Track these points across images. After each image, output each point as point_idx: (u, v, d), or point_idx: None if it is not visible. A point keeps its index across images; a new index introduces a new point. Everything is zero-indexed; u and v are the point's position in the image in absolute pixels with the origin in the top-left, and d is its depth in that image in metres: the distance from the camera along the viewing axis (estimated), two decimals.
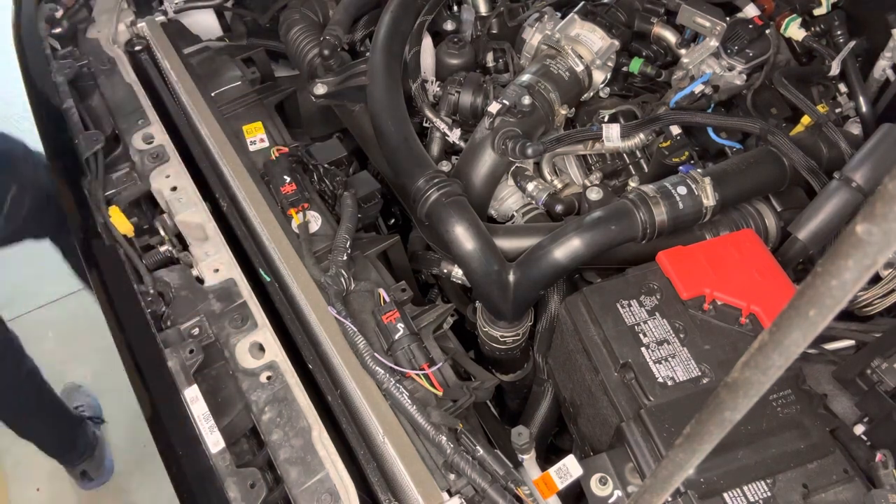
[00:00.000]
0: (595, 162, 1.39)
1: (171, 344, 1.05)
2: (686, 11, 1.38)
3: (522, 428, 0.98)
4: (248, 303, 1.12)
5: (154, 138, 1.33)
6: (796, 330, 0.36)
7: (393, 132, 1.27)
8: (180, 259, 1.22)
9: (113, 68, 1.47)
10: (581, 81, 1.36)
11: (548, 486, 0.90)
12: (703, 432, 0.47)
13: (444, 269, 1.30)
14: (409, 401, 0.96)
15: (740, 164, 1.16)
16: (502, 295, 1.10)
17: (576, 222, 1.08)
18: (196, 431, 0.96)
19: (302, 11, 1.58)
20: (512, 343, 1.19)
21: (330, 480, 0.94)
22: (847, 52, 1.38)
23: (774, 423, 0.89)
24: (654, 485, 0.55)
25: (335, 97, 1.45)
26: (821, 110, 1.32)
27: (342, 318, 1.04)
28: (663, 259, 1.04)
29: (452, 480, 0.94)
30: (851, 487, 0.86)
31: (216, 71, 1.56)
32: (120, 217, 1.19)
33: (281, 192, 1.23)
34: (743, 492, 0.85)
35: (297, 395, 1.01)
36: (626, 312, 1.00)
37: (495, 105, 1.23)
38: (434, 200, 1.15)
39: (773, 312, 0.96)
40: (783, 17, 1.44)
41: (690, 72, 1.41)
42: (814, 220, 1.10)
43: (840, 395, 1.03)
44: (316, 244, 1.20)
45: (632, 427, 0.92)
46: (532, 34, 1.47)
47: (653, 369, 0.94)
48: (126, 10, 1.59)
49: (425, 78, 1.45)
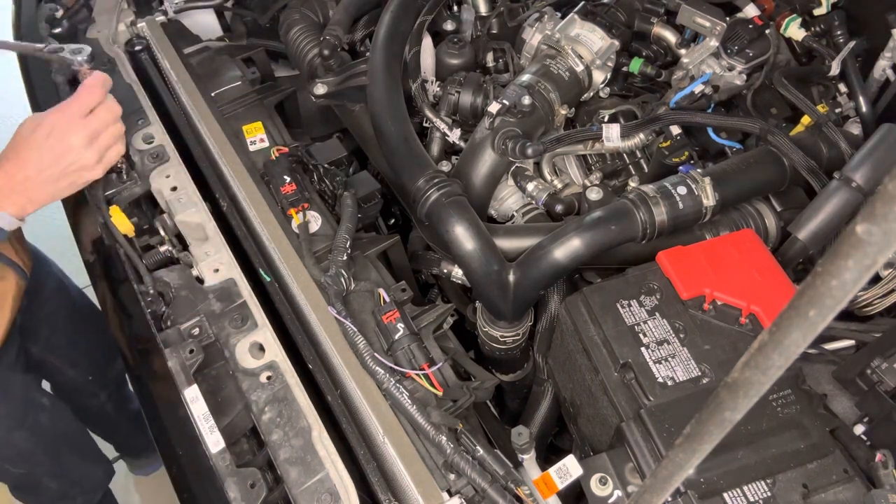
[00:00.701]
0: (595, 162, 1.39)
1: (171, 344, 1.05)
2: (686, 11, 1.38)
3: (522, 428, 0.98)
4: (248, 303, 1.12)
5: (154, 138, 1.33)
6: (796, 330, 0.36)
7: (393, 132, 1.27)
8: (180, 259, 1.22)
9: (113, 68, 1.46)
10: (581, 81, 1.36)
11: (548, 486, 0.90)
12: (703, 432, 0.46)
13: (444, 269, 1.30)
14: (409, 401, 0.96)
15: (740, 164, 1.16)
16: (502, 295, 1.10)
17: (576, 222, 1.08)
18: (196, 431, 0.96)
19: (302, 11, 1.58)
20: (512, 343, 1.19)
21: (330, 480, 0.94)
22: (847, 52, 1.38)
23: (774, 423, 0.89)
24: (654, 485, 0.55)
25: (335, 97, 1.45)
26: (821, 110, 1.32)
27: (342, 318, 1.04)
28: (663, 259, 1.04)
29: (452, 480, 0.94)
30: (851, 487, 0.86)
31: (216, 71, 1.56)
32: (121, 217, 1.19)
33: (281, 192, 1.23)
34: (743, 492, 0.85)
35: (297, 395, 1.01)
36: (626, 312, 1.00)
37: (495, 105, 1.23)
38: (434, 200, 1.15)
39: (773, 312, 0.96)
40: (783, 17, 1.44)
41: (690, 72, 1.41)
42: (814, 220, 1.10)
43: (840, 395, 1.03)
44: (316, 244, 1.20)
45: (632, 427, 0.92)
46: (532, 34, 1.47)
47: (653, 369, 0.94)
48: (126, 10, 1.59)
49: (425, 78, 1.45)
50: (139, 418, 2.08)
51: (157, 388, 1.19)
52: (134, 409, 2.07)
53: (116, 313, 1.32)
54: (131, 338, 1.27)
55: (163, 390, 1.16)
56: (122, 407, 2.02)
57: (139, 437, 2.18)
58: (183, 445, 1.09)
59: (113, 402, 1.96)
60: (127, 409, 2.04)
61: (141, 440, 2.20)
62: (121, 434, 2.10)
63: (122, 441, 2.19)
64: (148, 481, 2.33)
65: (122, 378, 2.00)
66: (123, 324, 1.29)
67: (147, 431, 2.00)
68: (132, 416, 2.06)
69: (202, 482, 1.03)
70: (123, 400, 2.03)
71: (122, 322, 1.30)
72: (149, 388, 1.21)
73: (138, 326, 1.22)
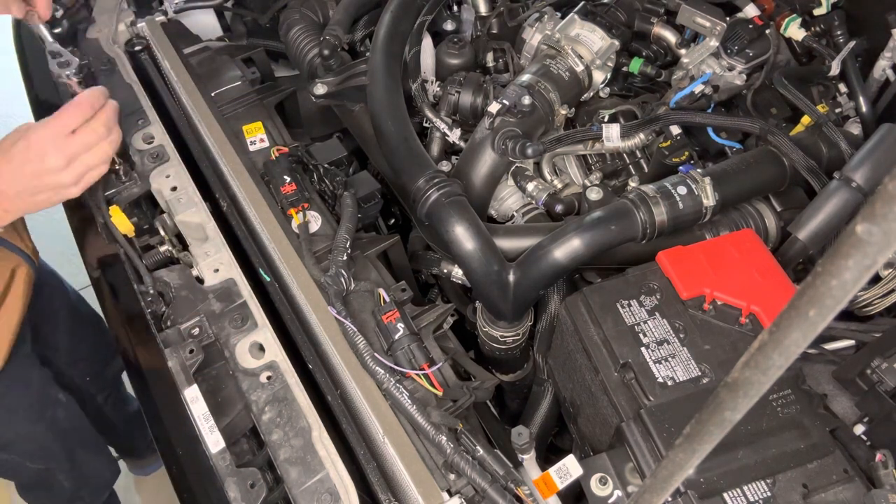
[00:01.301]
0: (595, 162, 1.39)
1: (171, 344, 1.05)
2: (686, 11, 1.38)
3: (522, 428, 0.98)
4: (248, 303, 1.12)
5: (154, 138, 1.33)
6: (796, 330, 0.36)
7: (393, 132, 1.27)
8: (180, 259, 1.22)
9: (113, 68, 1.46)
10: (581, 81, 1.36)
11: (548, 486, 0.90)
12: (703, 432, 0.47)
13: (444, 269, 1.30)
14: (409, 401, 0.96)
15: (740, 164, 1.16)
16: (502, 295, 1.10)
17: (576, 222, 1.08)
18: (196, 431, 0.96)
19: (302, 11, 1.58)
20: (512, 343, 1.19)
21: (330, 480, 0.94)
22: (847, 52, 1.38)
23: (774, 423, 0.89)
24: (654, 485, 0.55)
25: (335, 97, 1.45)
26: (821, 110, 1.32)
27: (342, 318, 1.04)
28: (663, 259, 1.04)
29: (452, 480, 0.94)
30: (851, 487, 0.86)
31: (216, 71, 1.56)
32: (120, 217, 1.19)
33: (281, 192, 1.23)
34: (743, 492, 0.85)
35: (297, 395, 1.01)
36: (626, 312, 1.00)
37: (495, 105, 1.23)
38: (434, 200, 1.15)
39: (773, 312, 0.96)
40: (783, 17, 1.44)
41: (690, 72, 1.41)
42: (814, 220, 1.10)
43: (840, 395, 1.03)
44: (316, 244, 1.20)
45: (632, 427, 0.92)
46: (532, 34, 1.47)
47: (653, 369, 0.94)
48: (126, 10, 1.59)
49: (425, 78, 1.45)
50: (137, 419, 2.09)
51: (157, 388, 1.19)
52: (132, 411, 2.08)
53: (116, 313, 1.32)
54: (131, 338, 1.27)
55: (163, 390, 1.16)
56: (120, 408, 2.02)
57: (138, 439, 2.19)
58: (183, 445, 1.09)
59: (111, 403, 1.97)
60: (125, 411, 2.05)
61: (140, 441, 2.21)
62: (119, 435, 2.11)
63: (120, 442, 2.20)
64: (148, 481, 2.33)
65: (118, 379, 2.02)
66: (124, 324, 1.29)
67: (146, 432, 2.03)
68: (130, 418, 2.07)
69: (202, 482, 1.03)
70: (121, 401, 2.03)
71: (123, 322, 1.30)
72: (149, 387, 1.21)
73: (138, 326, 1.22)
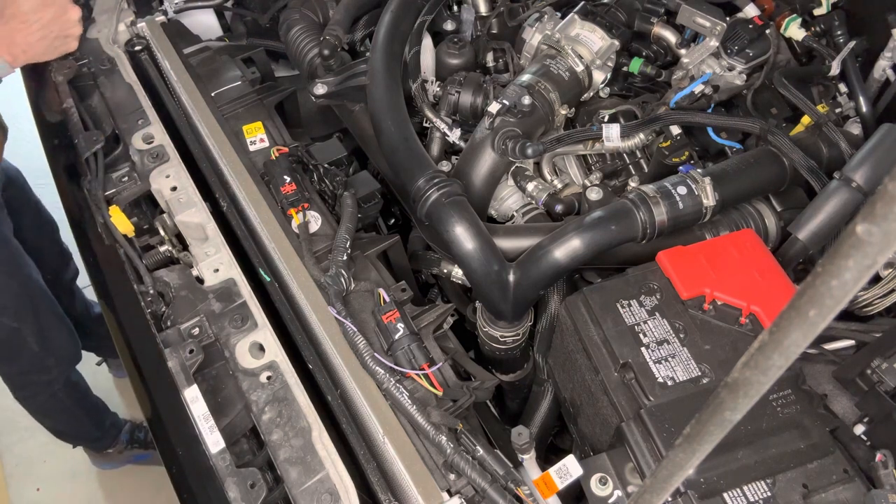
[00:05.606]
0: (595, 162, 1.39)
1: (171, 344, 1.05)
2: (686, 11, 1.38)
3: (522, 428, 0.98)
4: (248, 303, 1.12)
5: (154, 138, 1.33)
6: (796, 330, 0.36)
7: (393, 132, 1.27)
8: (180, 259, 1.22)
9: (113, 68, 1.47)
10: (581, 81, 1.36)
11: (548, 486, 0.90)
12: (703, 432, 0.47)
13: (444, 269, 1.30)
14: (409, 401, 0.96)
15: (740, 164, 1.16)
16: (502, 295, 1.10)
17: (576, 222, 1.08)
18: (196, 431, 0.96)
19: (302, 11, 1.58)
20: (512, 343, 1.19)
21: (330, 480, 0.94)
22: (847, 52, 1.38)
23: (774, 423, 0.89)
24: (654, 485, 0.55)
25: (335, 97, 1.45)
26: (821, 110, 1.32)
27: (342, 318, 1.04)
28: (663, 259, 1.04)
29: (452, 480, 0.94)
30: (851, 487, 0.86)
31: (216, 71, 1.56)
32: (120, 217, 1.19)
33: (281, 192, 1.23)
34: (743, 492, 0.85)
35: (297, 395, 1.01)
36: (626, 312, 1.00)
37: (495, 105, 1.23)
38: (434, 200, 1.15)
39: (773, 312, 0.97)
40: (783, 17, 1.44)
41: (690, 72, 1.41)
42: (814, 220, 1.10)
43: (840, 395, 1.03)
44: (316, 244, 1.20)
45: (632, 427, 0.92)
46: (532, 34, 1.47)
47: (653, 369, 0.94)
48: (126, 10, 1.59)
49: (425, 78, 1.45)
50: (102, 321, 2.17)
51: (157, 388, 1.19)
52: (97, 313, 2.23)
53: (116, 313, 1.32)
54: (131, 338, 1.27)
55: (163, 390, 1.16)
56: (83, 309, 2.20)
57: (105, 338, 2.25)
58: (183, 445, 1.09)
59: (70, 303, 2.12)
60: (89, 313, 2.22)
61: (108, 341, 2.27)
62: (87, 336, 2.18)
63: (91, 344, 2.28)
64: (148, 481, 2.33)
65: (75, 284, 2.20)
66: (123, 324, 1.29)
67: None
68: (95, 318, 2.21)
69: (202, 482, 1.02)
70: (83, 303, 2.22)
71: (123, 322, 1.30)
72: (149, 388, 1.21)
73: (138, 327, 1.22)
